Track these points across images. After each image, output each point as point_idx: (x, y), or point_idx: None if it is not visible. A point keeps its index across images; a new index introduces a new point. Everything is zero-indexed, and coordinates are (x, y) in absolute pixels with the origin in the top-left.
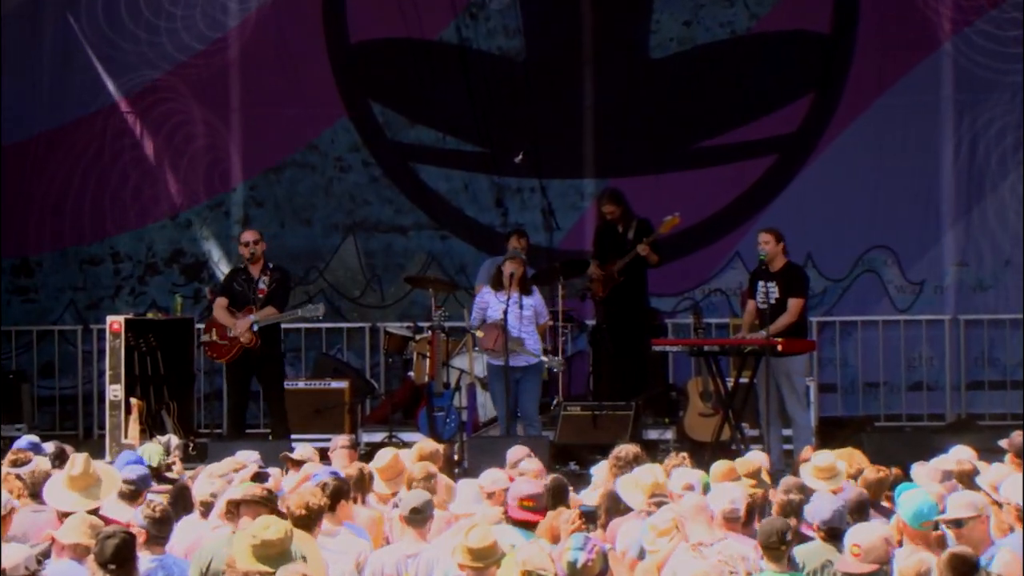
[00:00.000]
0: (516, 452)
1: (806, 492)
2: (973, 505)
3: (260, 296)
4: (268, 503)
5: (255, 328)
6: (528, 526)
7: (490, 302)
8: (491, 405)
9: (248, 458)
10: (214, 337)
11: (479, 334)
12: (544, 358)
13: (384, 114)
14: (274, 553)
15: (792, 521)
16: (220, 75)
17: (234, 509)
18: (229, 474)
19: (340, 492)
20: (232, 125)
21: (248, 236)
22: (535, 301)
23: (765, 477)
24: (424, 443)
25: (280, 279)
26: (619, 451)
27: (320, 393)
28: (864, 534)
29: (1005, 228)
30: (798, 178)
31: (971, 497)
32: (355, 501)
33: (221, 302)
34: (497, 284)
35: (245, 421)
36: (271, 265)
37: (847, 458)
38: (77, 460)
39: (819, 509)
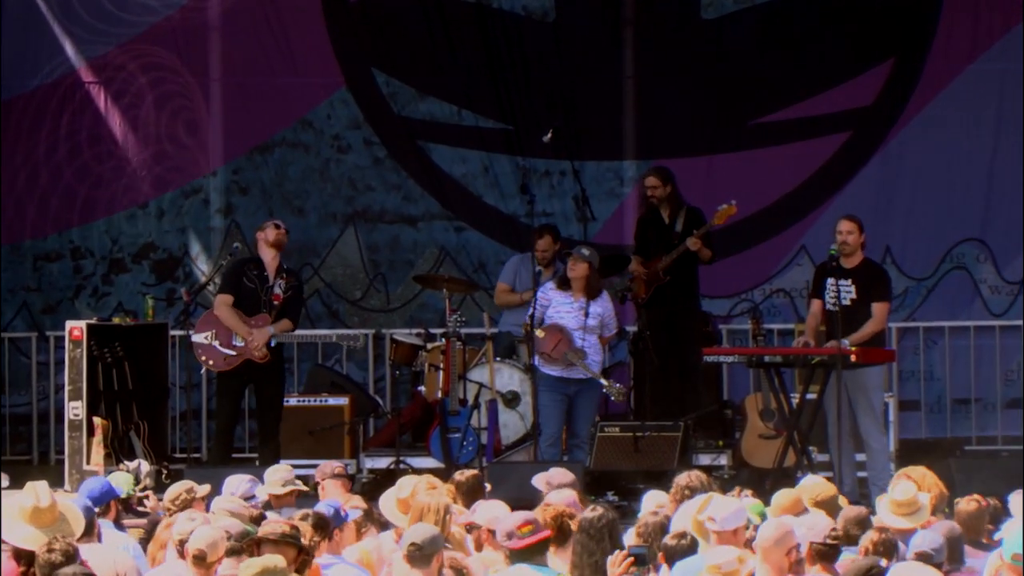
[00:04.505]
0: (557, 476)
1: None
2: None
3: (275, 303)
4: (293, 541)
5: (272, 343)
6: (539, 550)
7: (552, 300)
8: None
9: (239, 486)
10: (214, 341)
11: (539, 334)
12: (603, 382)
13: (389, 85)
14: None
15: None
16: (198, 39)
17: (254, 548)
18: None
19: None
20: (212, 97)
21: (278, 221)
22: (603, 309)
23: (844, 505)
24: (430, 477)
25: (297, 288)
26: (685, 480)
27: (315, 411)
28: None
29: None
30: (875, 159)
31: None
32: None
33: (226, 299)
34: (563, 283)
35: (233, 443)
36: (286, 267)
37: (919, 479)
38: (41, 491)
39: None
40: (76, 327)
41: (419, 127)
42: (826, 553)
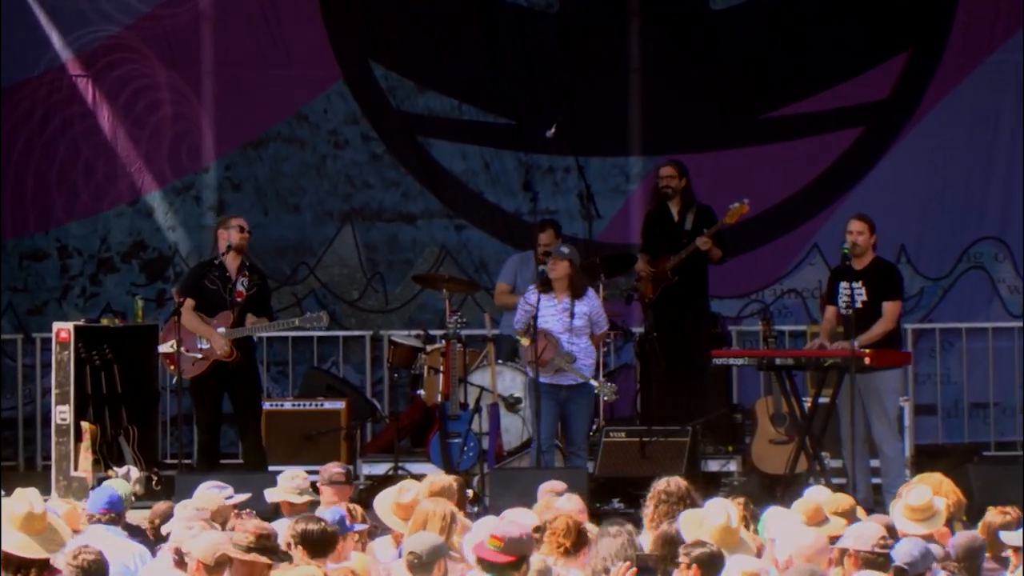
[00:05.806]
0: (549, 487)
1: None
2: None
3: (238, 300)
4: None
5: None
6: (489, 568)
7: (537, 305)
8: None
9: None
10: (181, 348)
11: (525, 342)
12: (593, 383)
13: (388, 78)
14: None
15: None
16: (190, 30)
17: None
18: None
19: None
20: (204, 90)
21: (242, 221)
22: (589, 307)
23: (862, 515)
24: (436, 477)
25: (262, 284)
26: (664, 485)
27: (311, 415)
28: None
29: None
30: (889, 154)
31: None
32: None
33: (191, 304)
34: (546, 285)
35: (219, 449)
36: (247, 263)
37: (935, 487)
38: (34, 498)
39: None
40: (63, 329)
41: (418, 122)
42: (874, 562)
